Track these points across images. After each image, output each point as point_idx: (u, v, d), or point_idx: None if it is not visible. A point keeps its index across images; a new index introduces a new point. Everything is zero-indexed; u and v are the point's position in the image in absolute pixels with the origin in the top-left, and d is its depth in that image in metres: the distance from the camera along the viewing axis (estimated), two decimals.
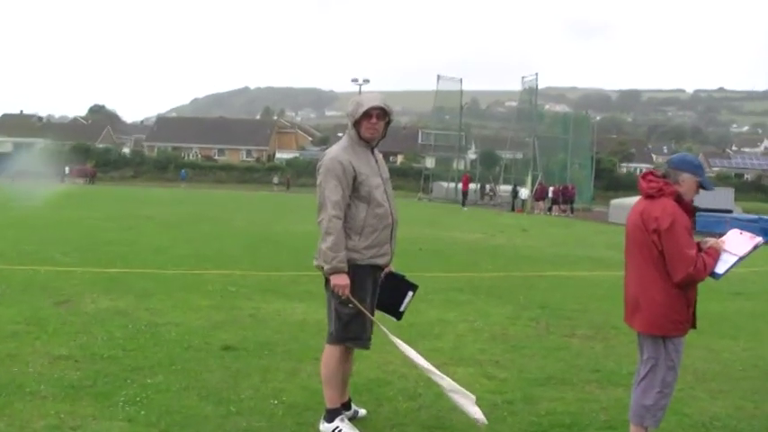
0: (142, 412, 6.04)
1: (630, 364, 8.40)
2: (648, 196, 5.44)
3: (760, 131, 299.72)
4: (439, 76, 69.93)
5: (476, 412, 5.59)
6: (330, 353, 6.01)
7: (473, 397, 5.70)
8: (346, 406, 6.22)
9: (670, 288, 5.33)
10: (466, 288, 13.60)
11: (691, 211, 5.40)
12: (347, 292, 5.71)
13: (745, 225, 36.05)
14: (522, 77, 66.26)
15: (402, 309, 6.31)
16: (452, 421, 6.22)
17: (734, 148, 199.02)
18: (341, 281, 5.70)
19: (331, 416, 5.91)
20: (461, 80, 70.89)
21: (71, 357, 7.59)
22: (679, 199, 5.37)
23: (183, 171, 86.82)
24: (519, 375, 7.76)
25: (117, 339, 8.48)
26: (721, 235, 5.64)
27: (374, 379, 7.25)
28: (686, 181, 5.44)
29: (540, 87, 69.02)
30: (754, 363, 8.95)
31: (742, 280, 15.99)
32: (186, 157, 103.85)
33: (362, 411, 6.36)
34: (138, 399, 6.35)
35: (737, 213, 41.39)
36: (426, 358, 5.99)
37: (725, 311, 12.54)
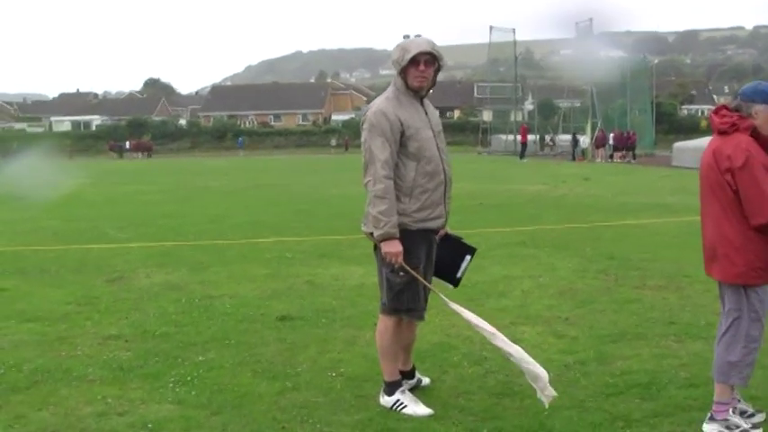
0: (193, 392, 5.73)
1: (709, 315, 7.96)
2: (722, 132, 4.94)
3: None
4: (491, 28, 68.97)
5: (545, 388, 5.08)
6: (384, 324, 5.58)
7: (545, 374, 5.20)
8: (410, 374, 5.85)
9: (749, 232, 4.84)
10: (529, 242, 13.15)
11: None
12: (401, 259, 5.24)
13: None
14: (576, 23, 65.02)
15: (459, 275, 5.83)
16: (522, 386, 5.80)
17: None
18: (393, 248, 5.22)
19: (391, 389, 5.51)
20: (514, 30, 69.96)
21: (122, 337, 7.32)
22: (755, 134, 4.86)
23: (240, 139, 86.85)
24: (590, 332, 7.32)
25: (169, 315, 8.20)
26: None
27: (437, 344, 6.86)
28: (761, 112, 4.91)
29: (594, 33, 67.69)
30: None
31: None
32: (243, 125, 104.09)
33: (426, 380, 5.98)
34: (188, 378, 6.04)
35: None
36: (492, 322, 5.60)
37: None
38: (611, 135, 55.03)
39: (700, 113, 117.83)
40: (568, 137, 61.73)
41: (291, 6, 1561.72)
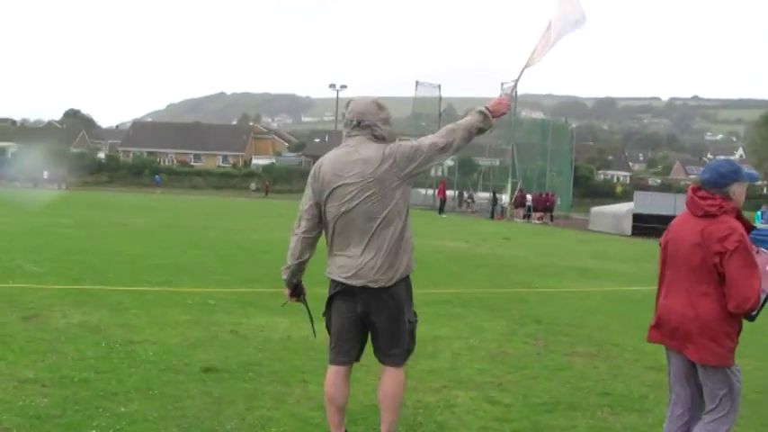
0: None
1: (641, 386, 7.93)
2: (709, 215, 4.93)
3: (734, 139, 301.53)
4: (417, 83, 69.38)
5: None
6: (402, 375, 5.55)
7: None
8: None
9: (728, 314, 4.82)
10: (455, 301, 13.02)
11: (749, 228, 4.87)
12: None
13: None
14: (502, 83, 65.68)
15: None
16: None
17: (709, 155, 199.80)
18: None
19: None
20: (440, 86, 70.51)
21: (38, 381, 6.92)
22: (739, 216, 4.85)
23: (157, 177, 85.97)
24: (524, 400, 7.18)
25: (89, 359, 7.83)
26: None
27: (370, 406, 6.60)
28: (736, 192, 4.91)
29: (518, 94, 68.56)
30: None
31: None
32: (162, 163, 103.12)
33: None
34: (111, 431, 5.73)
35: None
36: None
37: None
38: (530, 196, 55.66)
39: (615, 179, 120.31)
40: (487, 194, 62.29)
41: (216, 47, 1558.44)
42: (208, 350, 8.56)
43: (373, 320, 5.41)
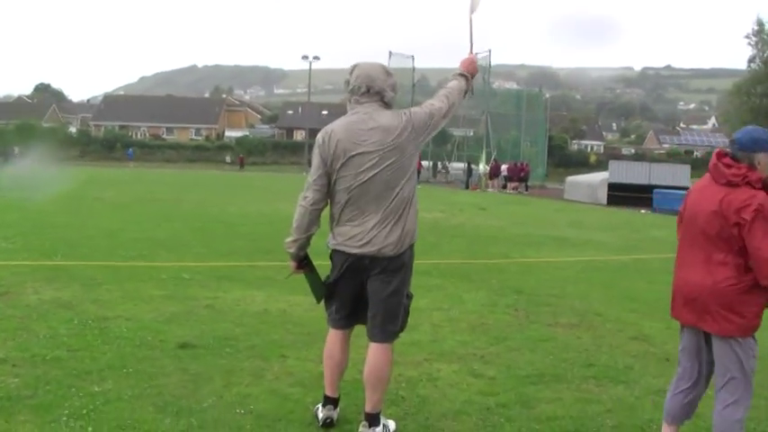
0: (89, 429, 5.21)
1: (625, 357, 7.81)
2: (731, 184, 4.72)
3: (707, 109, 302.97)
4: (391, 53, 68.88)
5: None
6: (391, 352, 5.42)
7: None
8: (336, 403, 5.63)
9: (747, 284, 4.64)
10: (434, 272, 12.84)
11: None
12: None
13: None
14: (476, 53, 65.49)
15: None
16: (443, 430, 5.51)
17: (682, 125, 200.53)
18: None
19: (378, 419, 5.38)
20: (413, 57, 70.17)
21: (8, 360, 6.68)
22: (765, 187, 4.66)
23: (129, 150, 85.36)
24: (508, 372, 7.03)
25: (61, 337, 7.59)
26: (678, 212, 5.03)
27: (351, 381, 6.40)
28: (762, 162, 4.71)
29: (492, 64, 68.33)
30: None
31: None
32: (134, 136, 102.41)
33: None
34: (84, 411, 5.49)
35: None
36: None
37: None
38: (505, 166, 55.63)
39: (589, 149, 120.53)
40: (461, 165, 62.27)
41: (188, 20, 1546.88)
42: (183, 325, 8.35)
43: (374, 290, 5.31)
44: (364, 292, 5.37)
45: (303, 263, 5.52)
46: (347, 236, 5.24)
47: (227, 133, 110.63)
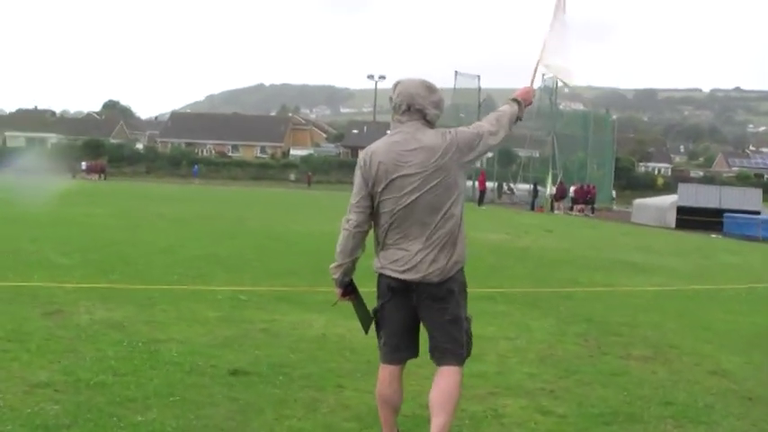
0: None
1: (705, 395, 7.26)
2: None
3: None
4: (456, 73, 68.50)
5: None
6: (460, 376, 5.11)
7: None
8: None
9: None
10: (499, 297, 12.35)
11: None
12: None
13: None
14: (542, 75, 64.80)
15: None
16: None
17: (751, 147, 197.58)
18: None
19: None
20: (479, 77, 69.70)
21: (51, 384, 6.36)
22: None
23: (195, 167, 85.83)
24: (579, 410, 6.53)
25: (108, 360, 7.26)
26: (750, 237, 4.55)
27: (409, 416, 5.99)
28: None
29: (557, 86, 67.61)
30: None
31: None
32: (200, 153, 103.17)
33: None
34: None
35: (766, 215, 40.02)
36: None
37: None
38: (572, 188, 54.93)
39: (656, 171, 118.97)
40: (526, 186, 61.64)
41: (256, 39, 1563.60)
42: (237, 350, 7.99)
43: (430, 317, 5.00)
44: (416, 322, 5.07)
45: (349, 289, 5.22)
46: (391, 259, 4.96)
47: (293, 152, 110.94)
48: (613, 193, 70.35)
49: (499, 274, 15.32)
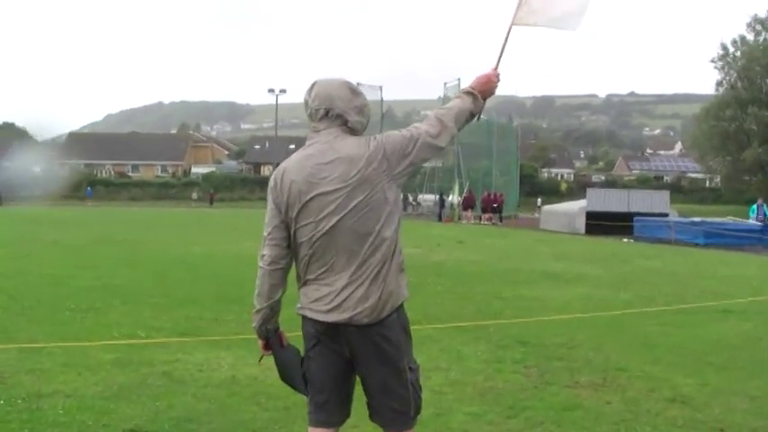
0: None
1: (671, 428, 6.39)
2: None
3: (672, 134, 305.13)
4: (359, 84, 67.49)
5: None
6: None
7: None
8: None
9: None
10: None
11: None
12: None
13: (688, 228, 34.71)
14: (445, 83, 64.57)
15: None
16: None
17: (649, 150, 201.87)
18: None
19: None
20: (381, 88, 69.10)
21: None
22: None
23: (89, 189, 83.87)
24: None
25: None
26: (662, 240, 3.73)
27: None
28: None
29: None
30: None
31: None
32: (99, 174, 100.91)
33: None
34: None
35: (674, 217, 40.01)
36: None
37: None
38: (480, 196, 54.79)
39: (559, 177, 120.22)
40: (432, 197, 61.30)
41: (153, 57, 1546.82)
42: (134, 402, 6.87)
43: (365, 370, 4.00)
44: (349, 375, 4.09)
45: (271, 341, 4.18)
46: (312, 298, 3.97)
47: (194, 169, 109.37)
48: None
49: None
